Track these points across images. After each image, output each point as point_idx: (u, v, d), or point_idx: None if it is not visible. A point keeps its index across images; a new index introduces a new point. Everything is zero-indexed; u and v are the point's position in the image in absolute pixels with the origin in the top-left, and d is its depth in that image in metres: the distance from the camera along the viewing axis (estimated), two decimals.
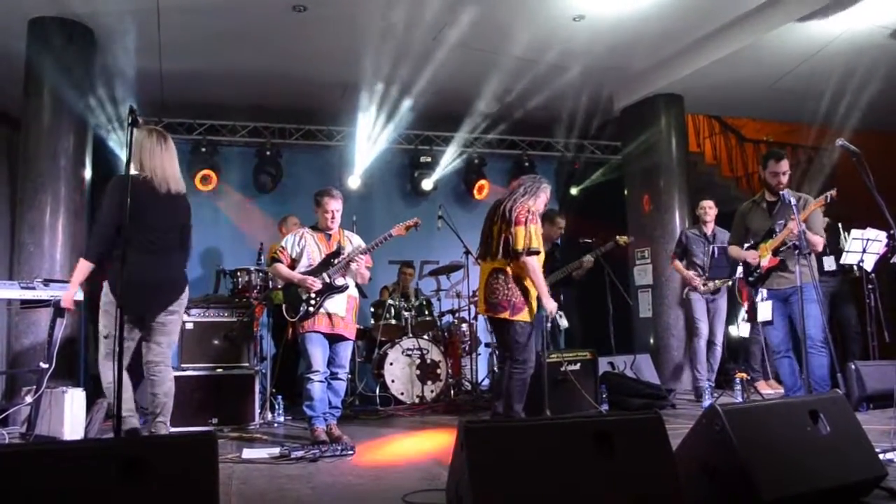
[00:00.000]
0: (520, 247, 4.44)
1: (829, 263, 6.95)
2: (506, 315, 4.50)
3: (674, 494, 2.53)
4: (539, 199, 4.66)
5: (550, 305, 4.58)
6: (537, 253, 4.48)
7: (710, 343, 6.84)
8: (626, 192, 8.85)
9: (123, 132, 7.23)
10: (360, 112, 8.17)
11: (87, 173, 6.59)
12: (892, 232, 4.09)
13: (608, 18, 6.61)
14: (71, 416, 4.64)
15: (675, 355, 7.91)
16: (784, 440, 2.80)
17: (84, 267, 3.96)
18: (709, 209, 6.93)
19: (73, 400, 4.67)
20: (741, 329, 7.42)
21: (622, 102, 8.71)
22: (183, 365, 5.73)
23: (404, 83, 7.68)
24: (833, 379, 5.07)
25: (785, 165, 5.23)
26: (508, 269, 4.54)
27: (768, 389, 7.03)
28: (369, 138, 8.46)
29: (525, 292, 4.54)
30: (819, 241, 5.06)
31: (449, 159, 9.02)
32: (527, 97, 8.19)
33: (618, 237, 6.64)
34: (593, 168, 9.69)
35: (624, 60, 7.68)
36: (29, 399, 4.96)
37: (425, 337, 7.29)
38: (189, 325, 5.84)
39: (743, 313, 7.37)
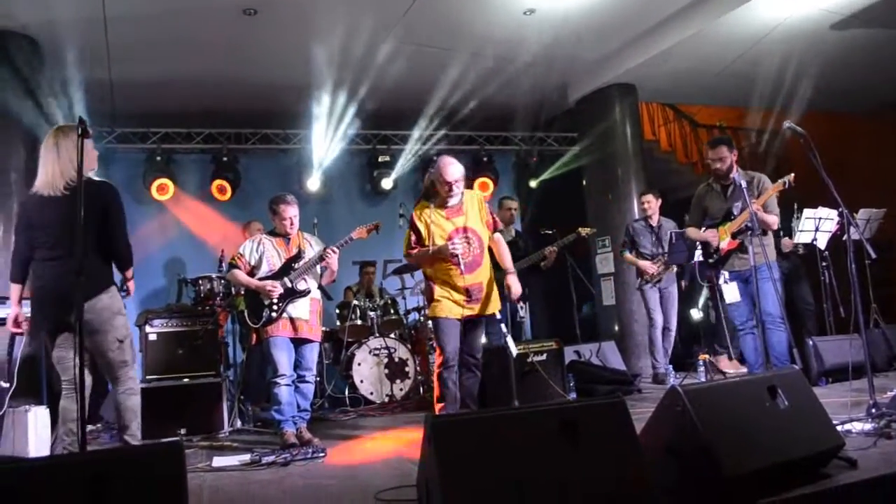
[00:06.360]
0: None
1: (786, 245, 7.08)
2: None
3: (640, 477, 2.58)
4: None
5: None
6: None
7: (665, 329, 6.98)
8: (584, 182, 8.94)
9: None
10: (316, 114, 8.13)
11: None
12: (841, 210, 4.20)
13: (558, 11, 6.67)
14: (35, 435, 4.56)
15: (640, 341, 7.97)
16: (744, 417, 2.87)
17: (13, 288, 3.89)
18: (649, 202, 7.07)
19: (37, 418, 4.57)
20: (702, 312, 7.55)
21: (576, 94, 8.79)
22: (148, 377, 5.65)
23: (358, 83, 7.65)
24: (791, 354, 5.20)
25: (721, 152, 5.30)
26: None
27: (731, 369, 7.17)
28: (326, 140, 8.41)
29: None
30: (774, 220, 5.19)
31: (407, 157, 9.01)
32: (482, 92, 8.20)
33: (580, 229, 6.61)
34: (551, 160, 9.77)
35: (576, 52, 7.75)
36: None
37: (392, 336, 7.29)
38: (153, 336, 5.77)
39: (705, 297, 7.50)
